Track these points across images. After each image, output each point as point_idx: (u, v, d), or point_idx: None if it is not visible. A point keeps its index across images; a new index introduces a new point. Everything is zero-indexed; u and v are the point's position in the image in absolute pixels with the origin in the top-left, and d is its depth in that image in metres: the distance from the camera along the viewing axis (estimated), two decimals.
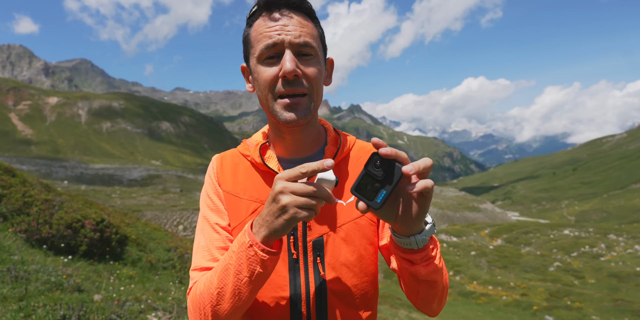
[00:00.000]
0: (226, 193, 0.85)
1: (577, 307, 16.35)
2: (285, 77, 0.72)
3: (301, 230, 0.81)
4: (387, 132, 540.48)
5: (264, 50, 0.72)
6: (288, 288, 0.79)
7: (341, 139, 0.87)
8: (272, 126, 0.84)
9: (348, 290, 0.81)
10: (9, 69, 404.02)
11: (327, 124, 0.92)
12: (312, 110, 0.76)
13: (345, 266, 0.81)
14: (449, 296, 19.77)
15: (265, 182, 0.84)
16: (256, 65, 0.75)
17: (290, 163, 0.85)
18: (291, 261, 0.79)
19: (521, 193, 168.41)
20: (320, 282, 0.79)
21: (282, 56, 0.72)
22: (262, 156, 0.84)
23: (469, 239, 35.36)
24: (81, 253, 4.95)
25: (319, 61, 0.76)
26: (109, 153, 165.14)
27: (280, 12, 0.74)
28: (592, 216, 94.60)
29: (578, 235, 33.68)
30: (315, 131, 0.86)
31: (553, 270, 23.55)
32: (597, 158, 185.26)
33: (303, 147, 0.84)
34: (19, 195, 5.37)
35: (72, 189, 51.40)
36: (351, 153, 0.89)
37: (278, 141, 0.84)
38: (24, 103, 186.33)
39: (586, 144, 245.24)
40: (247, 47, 0.78)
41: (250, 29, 0.77)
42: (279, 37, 0.72)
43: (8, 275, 3.13)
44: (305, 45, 0.72)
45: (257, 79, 0.76)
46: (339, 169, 0.86)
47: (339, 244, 0.81)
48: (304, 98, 0.74)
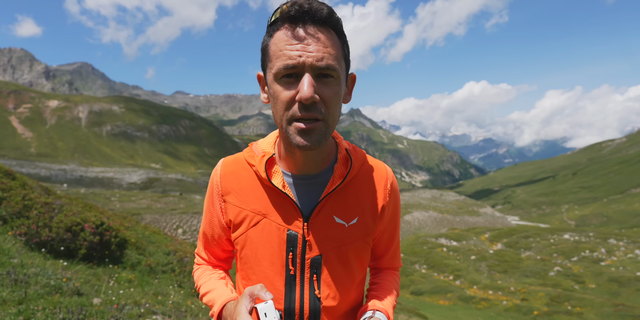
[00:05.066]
0: (229, 204, 0.86)
1: (578, 312, 16.27)
2: (302, 102, 0.68)
3: (300, 247, 0.81)
4: (387, 136, 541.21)
5: (282, 70, 0.68)
6: (283, 301, 0.81)
7: (352, 158, 0.84)
8: (283, 142, 0.81)
9: (340, 308, 0.85)
10: (9, 72, 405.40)
11: (338, 138, 0.89)
12: (326, 136, 0.73)
13: (341, 285, 0.84)
14: (449, 300, 19.73)
15: (268, 197, 0.83)
16: (273, 82, 0.71)
17: (297, 179, 0.83)
18: (288, 277, 0.81)
19: (521, 197, 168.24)
20: (314, 299, 0.81)
21: (300, 77, 0.68)
22: (268, 171, 0.82)
23: (469, 243, 35.25)
24: (80, 256, 4.94)
25: (339, 83, 0.72)
26: (109, 156, 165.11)
27: (305, 28, 0.68)
28: (592, 221, 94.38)
29: (578, 239, 33.60)
30: (327, 149, 0.83)
31: (553, 275, 23.46)
32: (597, 162, 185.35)
33: (312, 165, 0.82)
34: (18, 199, 5.38)
35: (72, 192, 51.34)
36: (361, 170, 0.87)
37: (288, 156, 0.82)
38: (24, 106, 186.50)
39: (586, 149, 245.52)
40: (265, 59, 0.74)
41: (270, 40, 0.72)
42: (299, 59, 0.67)
43: (7, 279, 3.13)
44: (327, 68, 0.68)
45: (273, 96, 0.72)
46: (348, 187, 0.85)
47: (336, 264, 0.83)
48: (319, 123, 0.70)
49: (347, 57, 0.75)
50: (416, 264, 28.04)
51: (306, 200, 0.83)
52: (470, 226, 56.45)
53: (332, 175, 0.82)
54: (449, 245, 33.10)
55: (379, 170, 0.89)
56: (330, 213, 0.83)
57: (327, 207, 0.83)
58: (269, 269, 0.82)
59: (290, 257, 0.81)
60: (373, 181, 0.87)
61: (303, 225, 0.81)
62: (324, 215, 0.82)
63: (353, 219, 0.84)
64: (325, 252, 0.82)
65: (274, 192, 0.83)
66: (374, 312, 0.83)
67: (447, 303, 19.42)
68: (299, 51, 0.67)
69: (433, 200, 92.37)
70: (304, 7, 0.67)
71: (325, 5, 0.69)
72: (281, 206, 0.82)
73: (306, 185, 0.83)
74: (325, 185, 0.83)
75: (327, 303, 0.82)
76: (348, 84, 0.79)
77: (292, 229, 0.81)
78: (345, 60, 0.74)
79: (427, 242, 34.06)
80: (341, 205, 0.84)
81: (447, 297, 20.34)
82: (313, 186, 0.83)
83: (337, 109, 0.73)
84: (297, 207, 0.81)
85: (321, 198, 0.81)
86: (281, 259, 0.81)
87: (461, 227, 56.12)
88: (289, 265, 0.81)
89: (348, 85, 0.80)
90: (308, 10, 0.67)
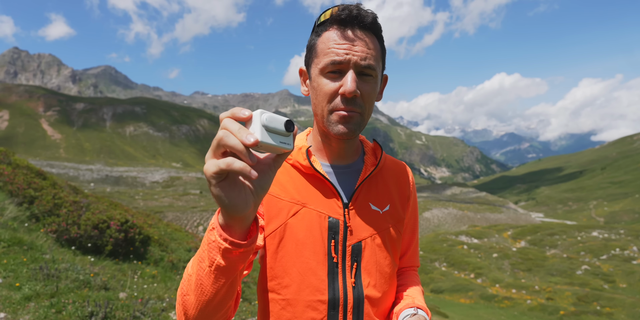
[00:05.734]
0: (267, 194, 0.84)
1: (608, 312, 15.62)
2: (345, 95, 0.76)
3: (342, 234, 0.82)
4: (405, 132, 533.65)
5: (329, 65, 0.76)
6: (327, 292, 0.79)
7: (382, 151, 0.92)
8: (320, 133, 0.87)
9: (381, 297, 0.84)
10: (39, 77, 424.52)
11: (361, 137, 0.97)
12: (361, 128, 0.81)
13: (380, 273, 0.84)
14: (470, 299, 19.34)
15: (307, 186, 0.85)
16: (318, 75, 0.79)
17: (334, 168, 0.88)
18: (331, 265, 0.80)
19: (545, 193, 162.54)
20: (358, 288, 0.81)
21: (344, 73, 0.77)
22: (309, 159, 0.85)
23: (490, 241, 34.41)
24: (107, 253, 5.15)
25: (376, 81, 0.80)
26: (132, 156, 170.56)
27: (353, 31, 0.77)
28: (623, 217, 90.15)
29: (608, 237, 32.19)
30: (357, 142, 0.91)
31: (581, 273, 22.61)
32: (628, 156, 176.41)
33: (346, 155, 0.88)
34: (49, 197, 5.64)
35: (98, 191, 53.40)
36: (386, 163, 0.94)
37: (324, 147, 0.88)
38: (53, 109, 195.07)
39: (616, 142, 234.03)
40: (311, 55, 0.82)
41: (318, 39, 0.80)
42: (346, 56, 0.75)
43: (40, 273, 3.30)
44: (368, 67, 0.76)
45: (317, 88, 0.80)
46: (378, 176, 0.91)
47: (375, 251, 0.84)
48: (356, 114, 0.78)
49: (384, 59, 0.85)
50: (436, 261, 27.62)
51: (344, 188, 0.87)
52: (492, 223, 55.07)
53: (365, 164, 0.89)
54: (470, 243, 32.41)
55: (400, 164, 0.98)
56: (366, 200, 0.86)
57: (363, 194, 0.87)
58: (311, 258, 0.80)
59: (333, 244, 0.81)
60: (398, 172, 0.95)
61: (344, 212, 0.83)
62: (361, 202, 0.86)
63: (385, 206, 0.88)
64: (364, 239, 0.83)
65: (314, 179, 0.85)
66: (416, 309, 0.83)
67: (468, 301, 19.06)
68: (346, 50, 0.75)
69: (453, 196, 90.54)
70: (353, 12, 0.76)
71: (371, 12, 0.78)
72: (321, 194, 0.84)
73: (342, 174, 0.88)
74: (359, 174, 0.88)
75: (369, 292, 0.82)
76: (381, 84, 0.88)
77: (333, 216, 0.82)
78: (383, 62, 0.84)
79: (447, 239, 33.47)
80: (374, 192, 0.88)
81: (468, 296, 19.96)
82: (348, 175, 0.88)
83: (372, 106, 0.82)
84: (337, 193, 0.84)
85: (358, 184, 0.86)
86: (324, 247, 0.81)
87: (482, 224, 54.83)
88: (331, 253, 0.81)
89: (381, 85, 0.87)
90: (357, 16, 0.76)
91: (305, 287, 0.79)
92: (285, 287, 0.80)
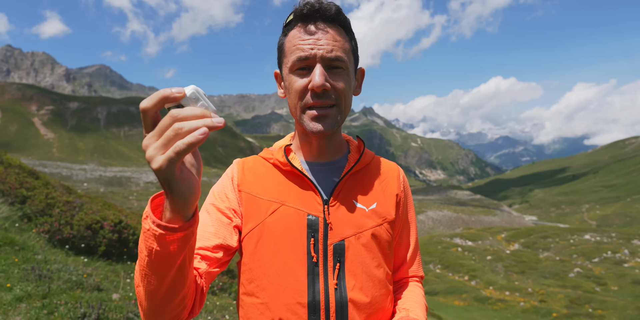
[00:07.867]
0: (245, 193, 0.83)
1: (600, 315, 15.78)
2: (314, 90, 0.74)
3: (322, 232, 0.77)
4: (401, 134, 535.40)
5: (296, 62, 0.75)
6: (306, 294, 0.74)
7: (364, 147, 0.90)
8: (299, 132, 0.87)
9: (370, 303, 0.77)
10: (32, 75, 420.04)
11: (347, 137, 0.96)
12: (338, 122, 0.79)
13: (367, 275, 0.78)
14: (464, 301, 19.43)
15: (286, 183, 0.83)
16: (288, 74, 0.78)
17: (314, 166, 0.87)
18: (310, 264, 0.76)
19: (539, 196, 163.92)
20: (340, 290, 0.75)
21: (312, 68, 0.75)
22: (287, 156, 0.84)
23: (484, 243, 34.61)
24: (100, 253, 5.10)
25: (348, 73, 0.79)
26: (127, 156, 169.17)
27: (315, 25, 0.76)
28: (615, 221, 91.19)
29: (600, 240, 32.52)
30: (339, 138, 0.89)
31: (573, 276, 22.81)
32: (620, 160, 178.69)
33: (327, 153, 0.87)
34: (42, 197, 5.58)
35: (92, 191, 52.80)
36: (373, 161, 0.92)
37: (304, 145, 0.87)
38: (46, 108, 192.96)
39: (608, 146, 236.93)
40: (281, 56, 0.82)
41: (285, 39, 0.80)
42: (311, 51, 0.74)
43: (32, 274, 3.26)
44: (336, 59, 0.75)
45: (288, 87, 0.79)
46: (360, 177, 0.87)
47: (361, 251, 0.78)
48: (331, 109, 0.77)
49: (355, 51, 0.83)
50: (430, 263, 27.73)
51: (324, 184, 0.84)
52: (486, 226, 55.37)
53: (348, 162, 0.86)
54: (464, 245, 32.57)
55: (390, 163, 0.95)
56: (349, 197, 0.83)
57: (346, 190, 0.84)
58: (290, 258, 0.76)
59: (312, 243, 0.77)
60: (386, 171, 0.92)
61: (323, 208, 0.80)
62: (343, 198, 0.82)
63: (372, 203, 0.84)
64: (347, 237, 0.78)
65: (293, 176, 0.84)
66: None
67: (462, 303, 19.15)
68: (311, 44, 0.74)
69: (447, 199, 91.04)
70: (314, 6, 0.75)
71: (333, 4, 0.77)
72: (300, 191, 0.82)
73: (323, 171, 0.86)
74: (342, 171, 0.86)
75: (353, 295, 0.75)
76: (357, 77, 0.86)
77: (312, 213, 0.79)
78: (354, 54, 0.82)
79: (442, 241, 33.61)
80: (359, 189, 0.85)
81: (462, 298, 20.05)
82: (330, 172, 0.86)
83: (349, 98, 0.80)
84: (316, 189, 0.81)
85: (339, 180, 0.83)
86: (303, 246, 0.77)
87: (476, 226, 55.13)
88: (310, 252, 0.76)
89: (357, 79, 0.86)
90: (318, 9, 0.75)
91: (284, 289, 0.75)
92: (263, 289, 0.76)
